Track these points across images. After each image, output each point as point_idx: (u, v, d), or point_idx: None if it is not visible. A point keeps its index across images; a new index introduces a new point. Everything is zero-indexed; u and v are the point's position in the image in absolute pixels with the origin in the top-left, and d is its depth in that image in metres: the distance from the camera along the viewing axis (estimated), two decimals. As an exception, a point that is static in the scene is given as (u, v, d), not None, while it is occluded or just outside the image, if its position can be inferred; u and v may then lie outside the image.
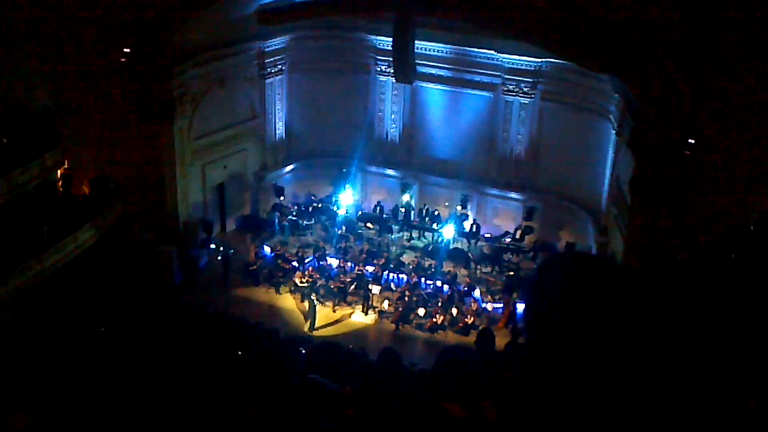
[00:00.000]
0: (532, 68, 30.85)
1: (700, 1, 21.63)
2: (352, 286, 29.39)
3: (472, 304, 28.75)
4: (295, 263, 30.57)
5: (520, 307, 23.92)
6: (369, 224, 33.08)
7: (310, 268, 30.30)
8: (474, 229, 32.24)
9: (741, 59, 21.49)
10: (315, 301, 28.35)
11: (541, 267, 3.17)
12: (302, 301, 29.30)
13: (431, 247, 31.94)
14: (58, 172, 29.03)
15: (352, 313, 28.90)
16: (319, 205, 34.01)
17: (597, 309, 2.81)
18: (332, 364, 22.99)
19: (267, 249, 31.82)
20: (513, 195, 32.75)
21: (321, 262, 30.79)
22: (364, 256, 30.93)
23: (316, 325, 28.13)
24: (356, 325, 28.59)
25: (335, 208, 33.39)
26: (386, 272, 30.11)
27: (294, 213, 33.77)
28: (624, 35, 22.87)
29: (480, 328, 27.62)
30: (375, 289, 29.26)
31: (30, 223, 26.00)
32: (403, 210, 33.31)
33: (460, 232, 31.99)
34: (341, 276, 29.99)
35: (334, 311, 28.85)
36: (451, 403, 4.66)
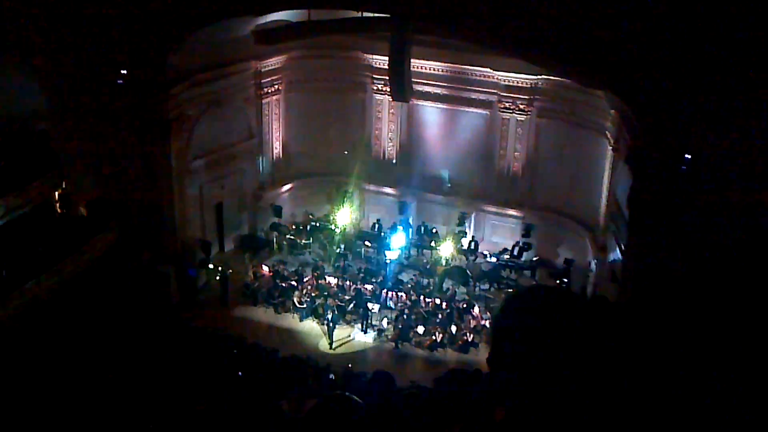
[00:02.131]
0: (528, 85, 30.96)
1: (695, 16, 21.70)
2: (351, 305, 29.33)
3: (471, 322, 28.69)
4: (293, 282, 30.53)
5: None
6: (367, 242, 33.07)
7: (309, 287, 30.26)
8: (472, 247, 32.24)
9: (737, 72, 21.53)
10: (333, 320, 28.23)
11: (504, 301, 3.19)
12: (301, 320, 29.28)
13: (430, 265, 31.92)
14: (56, 193, 29.03)
15: (351, 332, 28.83)
16: (317, 224, 34.00)
17: (559, 340, 2.82)
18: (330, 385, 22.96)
19: (265, 268, 31.77)
20: (511, 212, 32.77)
21: (319, 281, 30.75)
22: (363, 274, 30.91)
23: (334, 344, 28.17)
24: (355, 343, 28.51)
25: (333, 227, 33.39)
26: (385, 290, 30.07)
27: (292, 232, 33.76)
28: (619, 51, 22.94)
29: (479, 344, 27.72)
30: (374, 307, 29.20)
31: (28, 245, 25.98)
32: (401, 228, 33.33)
33: (459, 250, 31.98)
34: (340, 295, 29.93)
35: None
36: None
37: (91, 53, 27.80)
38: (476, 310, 29.15)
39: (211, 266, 31.35)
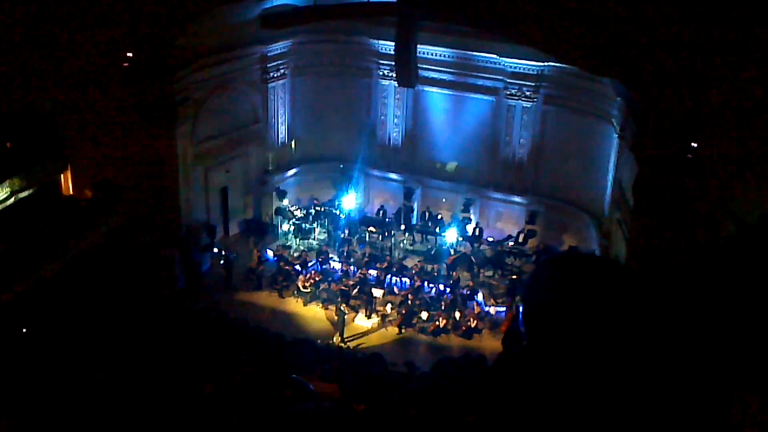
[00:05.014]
0: (535, 72, 30.85)
1: (702, 4, 21.62)
2: (355, 290, 29.37)
3: (475, 308, 28.72)
4: (298, 267, 30.59)
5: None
6: (372, 228, 33.10)
7: (313, 272, 30.32)
8: (477, 233, 32.25)
9: (744, 60, 21.46)
10: (344, 311, 28.21)
11: (537, 267, 3.16)
12: (305, 305, 29.35)
13: (434, 251, 31.94)
14: (61, 176, 29.05)
15: (354, 317, 28.89)
16: (322, 209, 34.00)
17: (593, 307, 2.80)
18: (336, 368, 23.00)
19: (270, 253, 31.82)
20: (516, 199, 32.75)
21: (324, 266, 30.80)
22: (367, 259, 30.95)
23: (345, 334, 28.01)
24: (359, 328, 28.58)
25: (338, 212, 33.42)
26: (389, 276, 30.11)
27: (297, 217, 33.80)
28: (626, 38, 22.87)
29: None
30: (378, 292, 29.24)
31: (32, 227, 26.02)
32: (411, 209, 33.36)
33: (463, 236, 31.99)
34: (344, 280, 29.98)
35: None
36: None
37: (97, 37, 27.76)
38: (480, 296, 29.20)
39: (215, 250, 31.41)
